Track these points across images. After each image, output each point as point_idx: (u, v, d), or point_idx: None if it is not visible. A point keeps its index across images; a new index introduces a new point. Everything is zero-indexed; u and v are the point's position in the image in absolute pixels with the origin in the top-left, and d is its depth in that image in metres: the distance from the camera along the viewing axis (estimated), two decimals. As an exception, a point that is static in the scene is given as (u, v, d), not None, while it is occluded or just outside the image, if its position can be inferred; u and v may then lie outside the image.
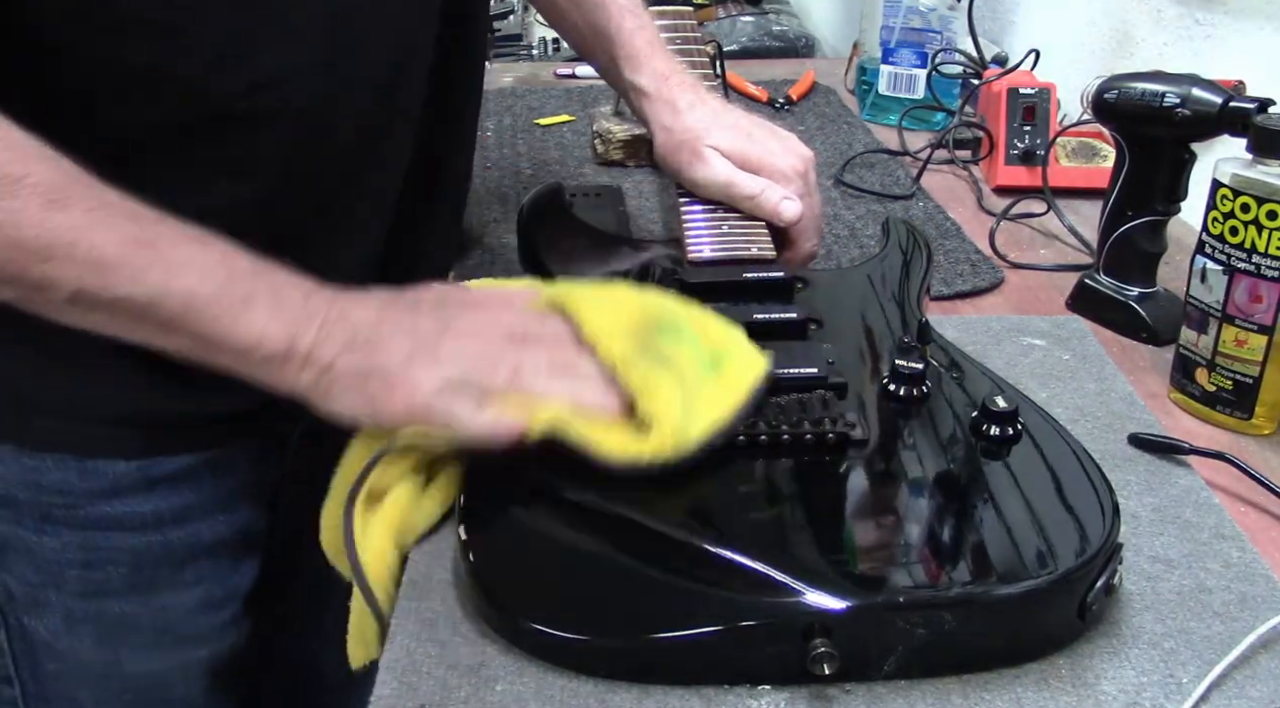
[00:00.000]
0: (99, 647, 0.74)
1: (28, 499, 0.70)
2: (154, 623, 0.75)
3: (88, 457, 0.69)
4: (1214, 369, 0.72)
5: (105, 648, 0.75)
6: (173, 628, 0.75)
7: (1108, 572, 0.53)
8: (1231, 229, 0.69)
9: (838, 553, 0.53)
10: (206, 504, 0.74)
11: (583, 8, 0.86)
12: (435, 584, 0.57)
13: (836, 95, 1.41)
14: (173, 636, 0.76)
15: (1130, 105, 0.79)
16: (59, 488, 0.69)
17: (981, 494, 0.57)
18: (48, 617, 0.74)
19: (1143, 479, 0.66)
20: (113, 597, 0.73)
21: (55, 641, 0.74)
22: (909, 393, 0.63)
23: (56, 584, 0.72)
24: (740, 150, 0.78)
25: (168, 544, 0.73)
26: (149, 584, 0.73)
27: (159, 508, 0.72)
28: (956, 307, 0.89)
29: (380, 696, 0.51)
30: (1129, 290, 0.84)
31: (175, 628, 0.75)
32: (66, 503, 0.70)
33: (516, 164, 1.16)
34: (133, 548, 0.72)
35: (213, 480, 0.74)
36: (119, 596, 0.73)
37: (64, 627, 0.74)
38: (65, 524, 0.70)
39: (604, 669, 0.51)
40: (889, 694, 0.51)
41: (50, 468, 0.69)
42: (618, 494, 0.56)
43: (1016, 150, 1.10)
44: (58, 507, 0.70)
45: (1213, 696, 0.51)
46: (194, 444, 0.72)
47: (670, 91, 0.81)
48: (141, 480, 0.70)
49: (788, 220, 0.77)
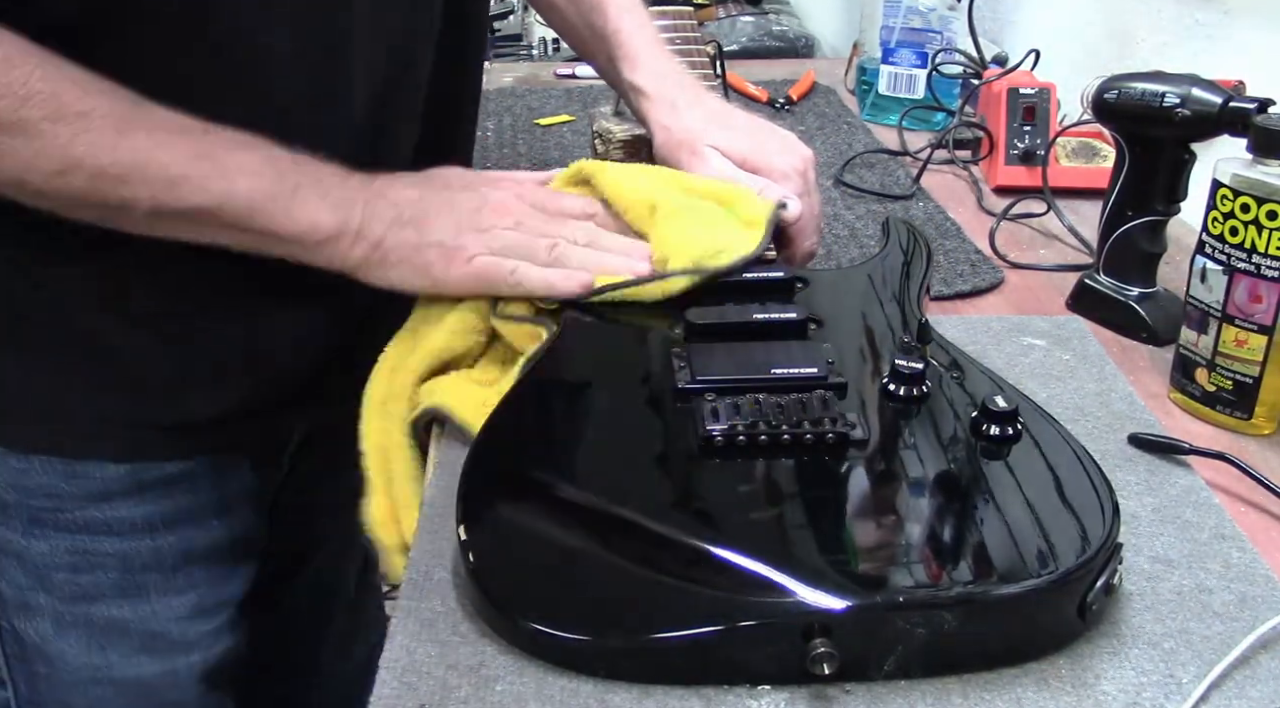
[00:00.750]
0: (89, 651, 0.74)
1: (15, 502, 0.69)
2: (144, 629, 0.74)
3: (74, 459, 0.68)
4: (1214, 369, 0.72)
5: (95, 653, 0.74)
6: (163, 634, 0.75)
7: (1108, 572, 0.53)
8: (1231, 229, 0.69)
9: (838, 553, 0.53)
10: (201, 510, 0.73)
11: (581, 8, 0.86)
12: (435, 584, 0.57)
13: (836, 95, 1.41)
14: (164, 641, 0.75)
15: (1130, 105, 0.79)
16: (46, 491, 0.69)
17: (981, 494, 0.57)
18: (37, 620, 0.73)
19: (1143, 479, 0.66)
20: (102, 601, 0.72)
21: (45, 644, 0.74)
22: (909, 393, 0.63)
23: (45, 588, 0.72)
24: (739, 149, 0.78)
25: (159, 550, 0.72)
26: (139, 590, 0.73)
27: (150, 513, 0.71)
28: (956, 307, 0.89)
29: (380, 696, 0.51)
30: (1129, 290, 0.84)
31: (166, 634, 0.75)
32: (54, 506, 0.69)
33: (516, 164, 1.16)
34: (122, 553, 0.72)
35: (208, 485, 0.73)
36: (108, 600, 0.72)
37: (54, 630, 0.73)
38: (53, 527, 0.70)
39: (604, 669, 0.51)
40: (889, 694, 0.51)
41: (37, 471, 0.68)
42: (618, 494, 0.56)
43: (1016, 150, 1.10)
44: (45, 510, 0.69)
45: (1213, 696, 0.51)
46: (184, 448, 0.71)
47: (669, 91, 0.81)
48: (132, 485, 0.70)
49: (788, 220, 0.77)
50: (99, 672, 0.74)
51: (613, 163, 0.76)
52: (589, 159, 0.78)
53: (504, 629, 0.53)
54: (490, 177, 0.71)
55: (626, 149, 1.14)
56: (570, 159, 1.17)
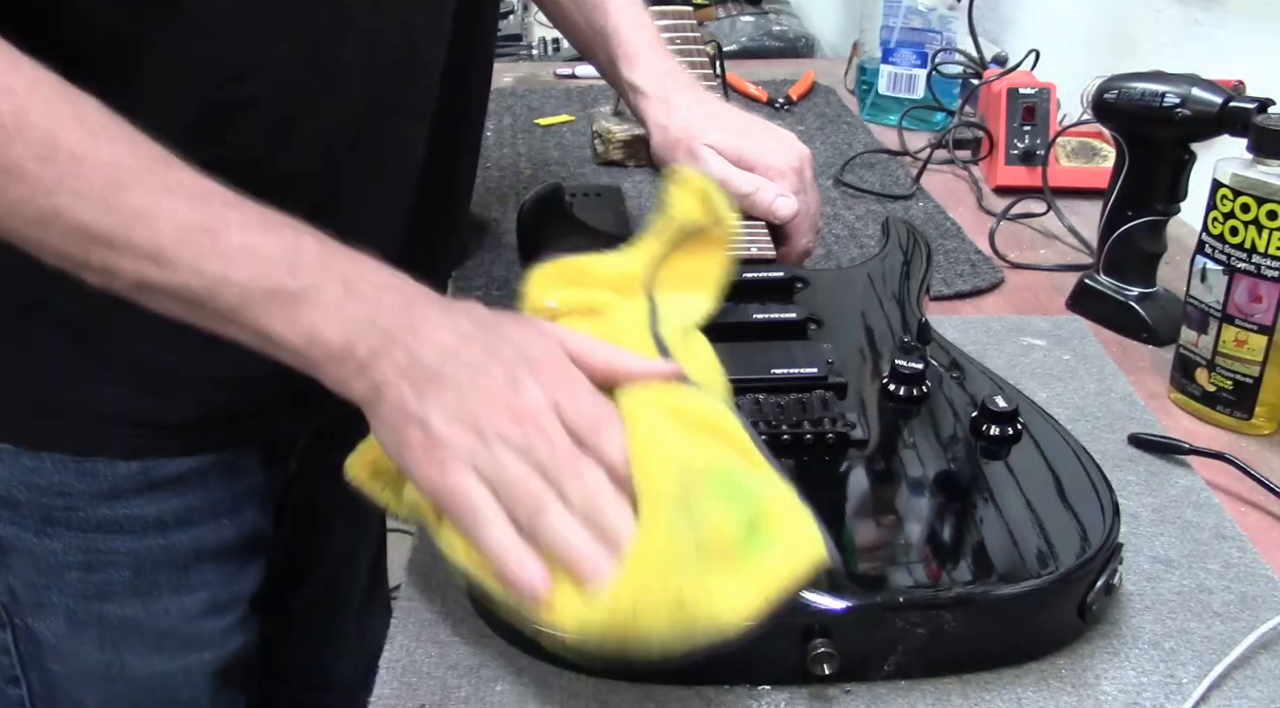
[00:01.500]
0: (101, 649, 0.74)
1: (28, 500, 0.69)
2: (157, 627, 0.74)
3: (86, 457, 0.69)
4: (1214, 369, 0.72)
5: (108, 651, 0.74)
6: (176, 632, 0.75)
7: (1108, 572, 0.53)
8: (1231, 229, 0.69)
9: (838, 553, 0.53)
10: (211, 507, 0.73)
11: (583, 7, 0.86)
12: (435, 584, 0.57)
13: (836, 95, 1.41)
14: (176, 639, 0.75)
15: (1130, 105, 0.79)
16: (58, 489, 0.69)
17: (981, 494, 0.57)
18: (50, 618, 0.73)
19: (1143, 479, 0.66)
20: (114, 600, 0.73)
21: (59, 642, 0.74)
22: (909, 393, 0.63)
23: (58, 586, 0.72)
24: (735, 148, 0.78)
25: (170, 548, 0.72)
26: (151, 588, 0.73)
27: (161, 511, 0.71)
28: (956, 307, 0.89)
29: (380, 696, 0.51)
30: (1129, 290, 0.84)
31: (178, 632, 0.75)
32: (66, 505, 0.69)
33: (516, 164, 1.16)
34: (134, 551, 0.72)
35: (218, 483, 0.73)
36: (121, 598, 0.73)
37: (67, 629, 0.73)
38: (66, 526, 0.70)
39: (604, 669, 0.51)
40: (889, 694, 0.51)
41: (49, 469, 0.68)
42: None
43: (1016, 150, 1.10)
44: (57, 508, 0.70)
45: (1213, 696, 0.51)
46: (195, 446, 0.71)
47: (667, 90, 0.81)
48: (143, 483, 0.70)
49: (783, 217, 0.77)
50: (112, 669, 0.75)
51: (652, 402, 0.54)
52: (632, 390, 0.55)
53: (504, 630, 0.53)
54: (552, 357, 0.56)
55: (626, 149, 1.14)
56: (570, 159, 1.18)
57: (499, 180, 1.12)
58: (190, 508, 0.72)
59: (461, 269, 0.92)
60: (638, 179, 1.11)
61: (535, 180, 1.12)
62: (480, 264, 0.93)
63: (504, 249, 0.95)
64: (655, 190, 1.08)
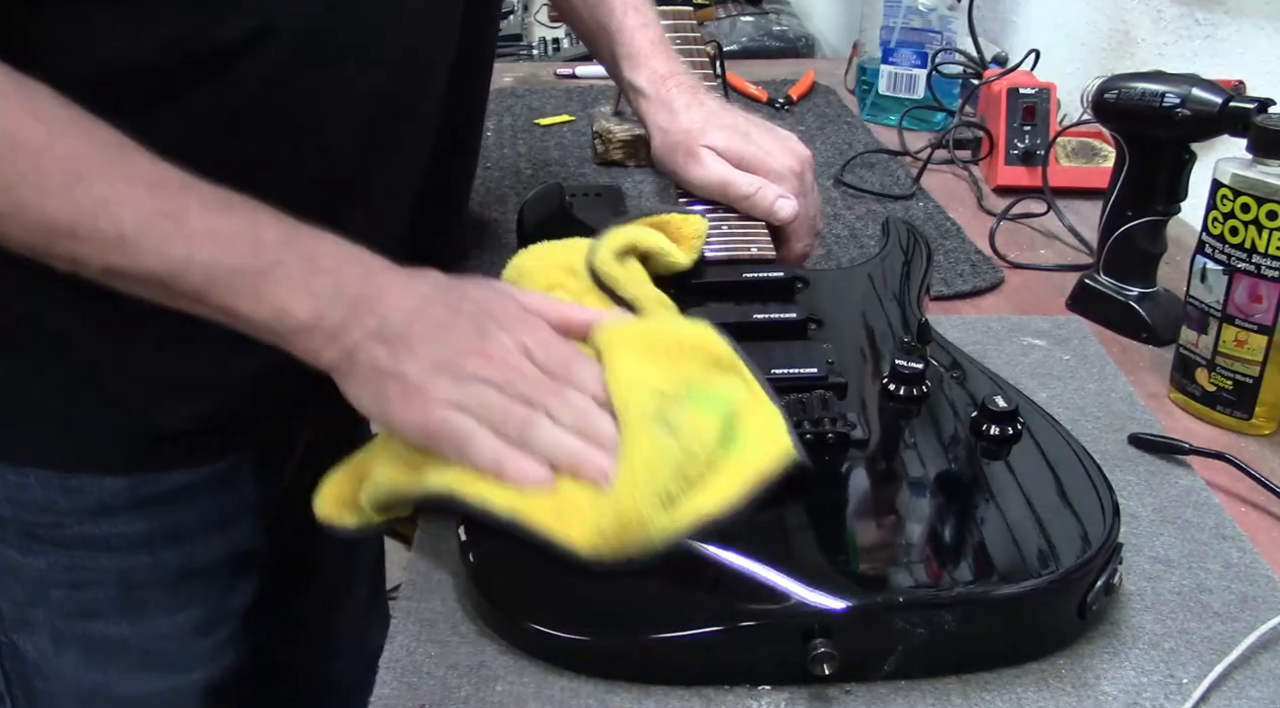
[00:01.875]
0: (88, 668, 0.72)
1: (12, 517, 0.68)
2: (144, 646, 0.73)
3: (71, 473, 0.67)
4: (1214, 369, 0.72)
5: (94, 670, 0.73)
6: (163, 651, 0.73)
7: (1108, 572, 0.53)
8: (1231, 229, 0.69)
9: (838, 553, 0.53)
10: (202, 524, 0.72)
11: (590, 4, 0.86)
12: (435, 584, 0.57)
13: (836, 95, 1.41)
14: (164, 659, 0.74)
15: (1130, 105, 0.79)
16: (42, 506, 0.67)
17: (981, 494, 0.57)
18: (35, 636, 0.72)
19: (1143, 479, 0.66)
20: (100, 618, 0.71)
21: (44, 661, 0.72)
22: (909, 393, 0.63)
23: (43, 604, 0.70)
24: (736, 149, 0.78)
25: (159, 565, 0.71)
26: (139, 606, 0.71)
27: (150, 528, 0.69)
28: (956, 307, 0.89)
29: (380, 696, 0.51)
30: (1129, 290, 0.84)
31: (166, 651, 0.73)
32: (51, 521, 0.68)
33: (516, 164, 1.16)
34: (120, 569, 0.70)
35: (208, 499, 0.72)
36: (107, 617, 0.71)
37: (52, 647, 0.72)
38: (51, 543, 0.68)
39: (604, 669, 0.51)
40: (889, 694, 0.51)
41: (33, 485, 0.67)
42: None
43: (1016, 150, 1.10)
44: (42, 525, 0.68)
45: (1213, 696, 0.51)
46: (187, 459, 0.70)
47: (667, 92, 0.81)
48: (131, 499, 0.68)
49: (783, 219, 0.77)
50: (98, 688, 0.73)
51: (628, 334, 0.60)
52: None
53: (504, 630, 0.53)
54: (513, 309, 0.59)
55: (626, 149, 1.14)
56: (570, 159, 1.18)
57: (499, 180, 1.12)
58: (180, 525, 0.71)
59: (461, 269, 0.92)
60: (638, 179, 1.11)
61: (535, 180, 1.12)
62: (480, 264, 0.93)
63: (504, 249, 0.95)
64: (655, 190, 1.08)
